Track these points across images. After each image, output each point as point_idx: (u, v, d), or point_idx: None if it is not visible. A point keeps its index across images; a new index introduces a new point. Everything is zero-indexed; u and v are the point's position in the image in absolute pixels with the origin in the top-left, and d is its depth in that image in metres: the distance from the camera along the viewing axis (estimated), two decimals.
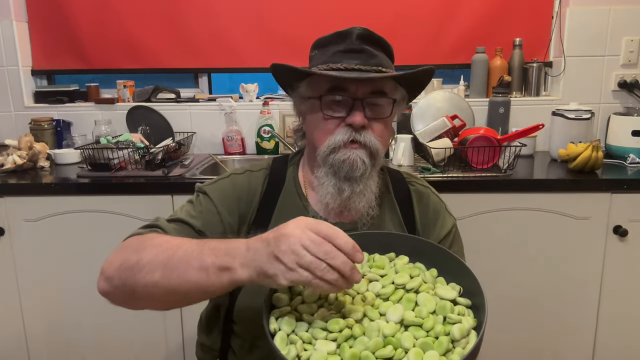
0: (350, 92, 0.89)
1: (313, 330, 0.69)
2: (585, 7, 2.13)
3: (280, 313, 0.72)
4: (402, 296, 0.74)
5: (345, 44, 0.90)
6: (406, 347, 0.65)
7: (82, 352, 1.85)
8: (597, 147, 1.74)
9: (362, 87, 0.89)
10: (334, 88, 0.89)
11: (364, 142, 0.89)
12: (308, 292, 0.74)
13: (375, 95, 0.90)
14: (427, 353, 0.64)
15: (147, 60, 2.31)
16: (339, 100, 0.89)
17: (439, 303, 0.72)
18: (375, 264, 0.80)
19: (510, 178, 1.71)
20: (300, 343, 0.67)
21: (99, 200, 1.74)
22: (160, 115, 2.20)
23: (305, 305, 0.73)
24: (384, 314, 0.71)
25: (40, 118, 2.20)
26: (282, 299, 0.74)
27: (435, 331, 0.67)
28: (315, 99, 0.91)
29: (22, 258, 1.78)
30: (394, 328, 0.67)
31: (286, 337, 0.68)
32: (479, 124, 2.10)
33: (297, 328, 0.69)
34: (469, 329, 0.68)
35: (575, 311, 1.77)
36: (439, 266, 0.80)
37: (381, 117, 0.91)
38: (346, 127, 0.89)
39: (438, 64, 2.26)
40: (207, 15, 2.25)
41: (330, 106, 0.90)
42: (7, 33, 2.21)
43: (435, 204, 1.04)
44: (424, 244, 0.83)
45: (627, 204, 1.69)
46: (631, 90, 2.18)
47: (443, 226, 1.02)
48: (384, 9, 2.21)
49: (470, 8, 2.21)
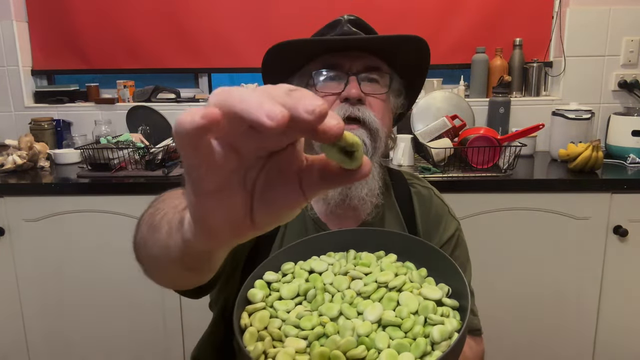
0: (345, 68, 0.87)
1: (285, 327, 0.66)
2: (585, 7, 2.13)
3: (254, 309, 0.69)
4: (383, 295, 0.70)
5: (336, 30, 0.89)
6: (379, 347, 0.61)
7: (82, 352, 1.85)
8: (597, 147, 1.74)
9: (356, 63, 0.87)
10: (327, 66, 0.88)
11: (362, 118, 0.85)
12: (286, 288, 0.72)
13: (370, 71, 0.88)
14: (401, 355, 0.60)
15: (147, 60, 2.31)
16: (333, 77, 0.88)
17: (422, 303, 0.68)
18: (361, 261, 0.77)
19: (510, 178, 1.71)
20: (269, 339, 0.64)
21: (99, 200, 1.74)
22: (161, 115, 2.20)
23: (282, 302, 0.70)
24: (362, 313, 0.67)
25: (40, 118, 2.20)
26: (257, 295, 0.71)
27: (414, 332, 0.63)
28: (309, 79, 0.89)
29: (22, 258, 1.78)
30: (369, 327, 0.64)
31: (256, 333, 0.65)
32: (479, 124, 2.10)
33: (269, 325, 0.66)
34: (452, 332, 0.63)
35: (575, 311, 1.77)
36: (432, 267, 0.78)
37: (378, 92, 0.88)
38: (342, 103, 0.85)
39: (438, 64, 2.26)
40: (207, 15, 2.25)
41: (325, 83, 0.88)
42: (7, 33, 2.22)
43: (438, 206, 1.01)
44: (417, 243, 0.82)
45: (627, 204, 1.69)
46: (631, 90, 2.18)
47: (446, 230, 0.99)
48: (384, 9, 2.21)
49: (470, 8, 2.21)
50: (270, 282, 0.74)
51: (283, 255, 0.78)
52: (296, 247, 0.79)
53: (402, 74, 0.94)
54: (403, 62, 0.91)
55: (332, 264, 0.77)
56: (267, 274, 0.75)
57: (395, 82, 0.93)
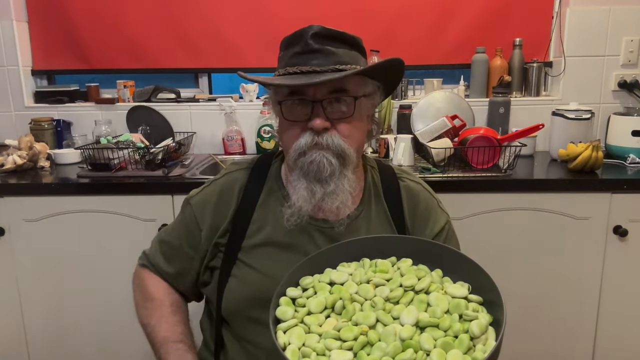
0: (309, 95, 0.87)
1: (325, 341, 0.66)
2: (585, 7, 2.13)
3: (288, 326, 0.69)
4: (412, 298, 0.71)
5: (300, 45, 0.88)
6: (427, 348, 0.62)
7: (82, 352, 1.84)
8: (597, 147, 1.74)
9: (320, 89, 0.87)
10: (293, 92, 0.89)
11: (326, 144, 0.87)
12: (314, 302, 0.72)
13: (336, 94, 0.88)
14: (449, 353, 0.62)
15: (147, 60, 2.31)
16: (299, 105, 0.89)
17: (452, 301, 0.70)
18: (378, 268, 0.78)
19: (510, 178, 1.71)
20: (315, 355, 0.64)
21: (99, 200, 1.74)
22: (161, 115, 2.20)
23: (312, 317, 0.71)
24: (397, 318, 0.68)
25: (40, 118, 2.20)
26: (287, 312, 0.71)
27: (454, 330, 0.65)
28: (278, 106, 0.91)
29: (22, 258, 1.78)
30: (411, 330, 0.65)
31: (297, 351, 0.65)
32: (479, 124, 2.10)
33: (307, 340, 0.67)
34: (487, 325, 0.67)
35: (575, 311, 1.77)
36: (442, 266, 0.79)
37: (344, 117, 0.89)
38: (309, 131, 0.88)
39: (438, 64, 2.27)
40: (207, 15, 2.25)
41: (292, 110, 0.90)
42: (7, 33, 2.22)
43: (427, 199, 1.02)
44: (426, 245, 0.82)
45: (627, 204, 1.69)
46: (631, 90, 2.18)
47: (436, 223, 1.00)
48: (384, 9, 2.21)
49: (470, 8, 2.21)
50: (294, 298, 0.74)
51: (296, 273, 0.78)
52: (305, 265, 0.79)
53: (376, 78, 0.94)
54: (376, 73, 0.92)
55: (352, 273, 0.78)
56: (288, 290, 0.75)
57: (368, 87, 0.92)
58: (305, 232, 0.94)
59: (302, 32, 0.89)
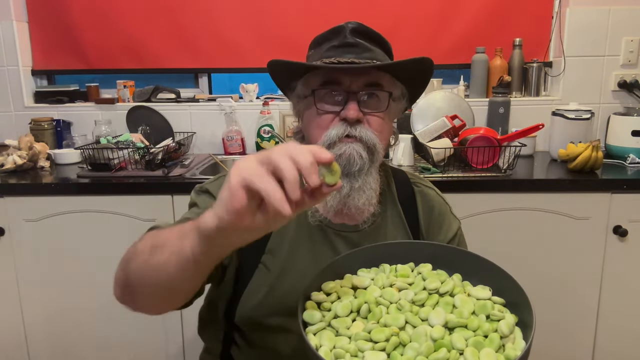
0: (344, 86, 0.87)
1: (357, 342, 0.66)
2: (585, 7, 2.13)
3: (317, 329, 0.70)
4: (437, 301, 0.72)
5: (338, 39, 0.89)
6: (459, 347, 0.63)
7: (82, 352, 1.85)
8: (597, 147, 1.74)
9: (356, 81, 0.86)
10: (328, 82, 0.88)
11: (359, 136, 0.86)
12: (340, 306, 0.73)
13: (370, 88, 0.88)
14: (482, 351, 0.63)
15: (147, 60, 2.31)
16: (333, 95, 0.88)
17: (477, 303, 0.71)
18: (399, 273, 0.79)
19: (510, 178, 1.71)
20: (349, 356, 0.64)
21: (99, 200, 1.74)
22: (160, 115, 2.20)
23: (340, 320, 0.71)
24: (425, 320, 0.69)
25: (40, 118, 2.20)
26: (315, 316, 0.71)
27: (483, 330, 0.66)
28: (310, 96, 0.90)
29: (22, 258, 1.78)
30: (442, 331, 0.66)
31: (329, 352, 0.65)
32: (479, 124, 2.10)
33: (337, 342, 0.67)
34: (514, 325, 0.68)
35: (575, 311, 1.77)
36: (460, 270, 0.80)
37: (377, 110, 0.89)
38: (341, 122, 0.86)
39: (438, 64, 2.26)
40: (207, 15, 2.25)
41: (325, 100, 0.88)
42: (7, 33, 2.22)
43: (441, 206, 1.02)
44: (445, 250, 0.83)
45: (627, 204, 1.69)
46: (631, 90, 2.18)
47: (449, 229, 1.00)
48: (384, 9, 2.21)
49: (470, 8, 2.21)
50: (320, 302, 0.74)
51: (318, 279, 0.78)
52: (326, 271, 0.79)
53: (404, 81, 0.94)
54: (406, 75, 0.92)
55: (373, 278, 0.78)
56: (313, 294, 0.76)
57: (397, 89, 0.93)
58: (327, 240, 0.93)
59: (340, 28, 0.89)
